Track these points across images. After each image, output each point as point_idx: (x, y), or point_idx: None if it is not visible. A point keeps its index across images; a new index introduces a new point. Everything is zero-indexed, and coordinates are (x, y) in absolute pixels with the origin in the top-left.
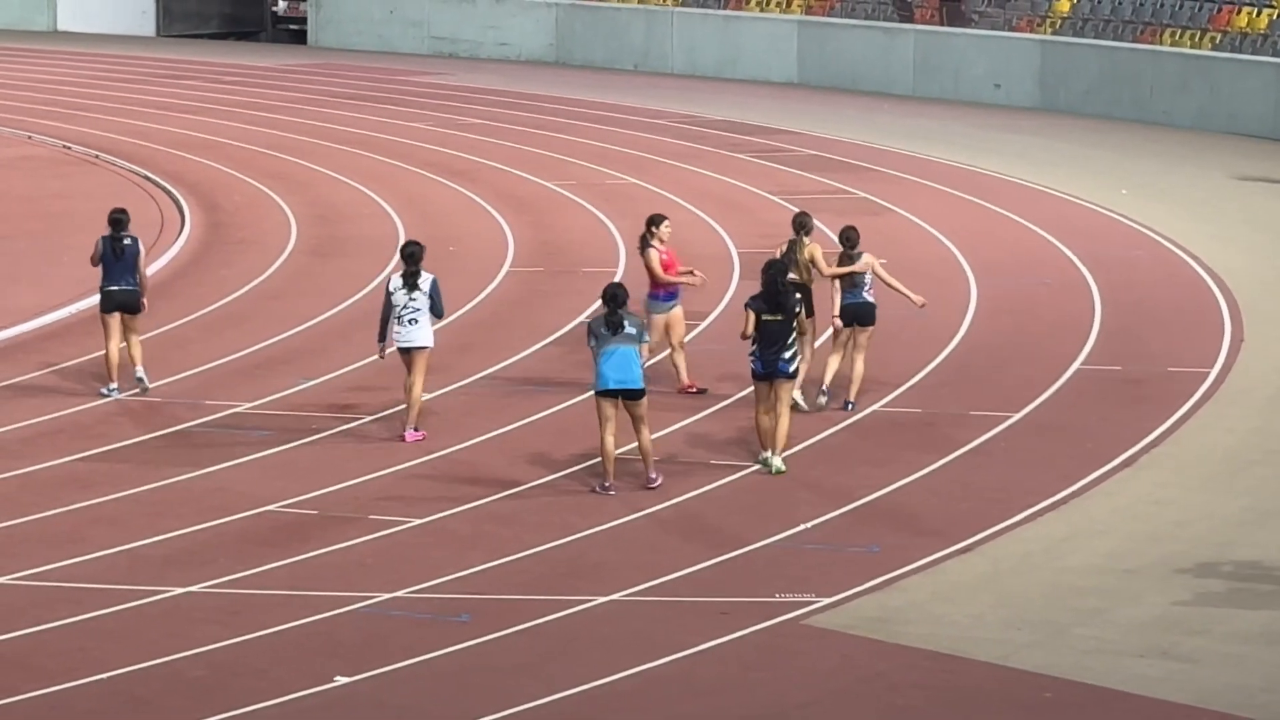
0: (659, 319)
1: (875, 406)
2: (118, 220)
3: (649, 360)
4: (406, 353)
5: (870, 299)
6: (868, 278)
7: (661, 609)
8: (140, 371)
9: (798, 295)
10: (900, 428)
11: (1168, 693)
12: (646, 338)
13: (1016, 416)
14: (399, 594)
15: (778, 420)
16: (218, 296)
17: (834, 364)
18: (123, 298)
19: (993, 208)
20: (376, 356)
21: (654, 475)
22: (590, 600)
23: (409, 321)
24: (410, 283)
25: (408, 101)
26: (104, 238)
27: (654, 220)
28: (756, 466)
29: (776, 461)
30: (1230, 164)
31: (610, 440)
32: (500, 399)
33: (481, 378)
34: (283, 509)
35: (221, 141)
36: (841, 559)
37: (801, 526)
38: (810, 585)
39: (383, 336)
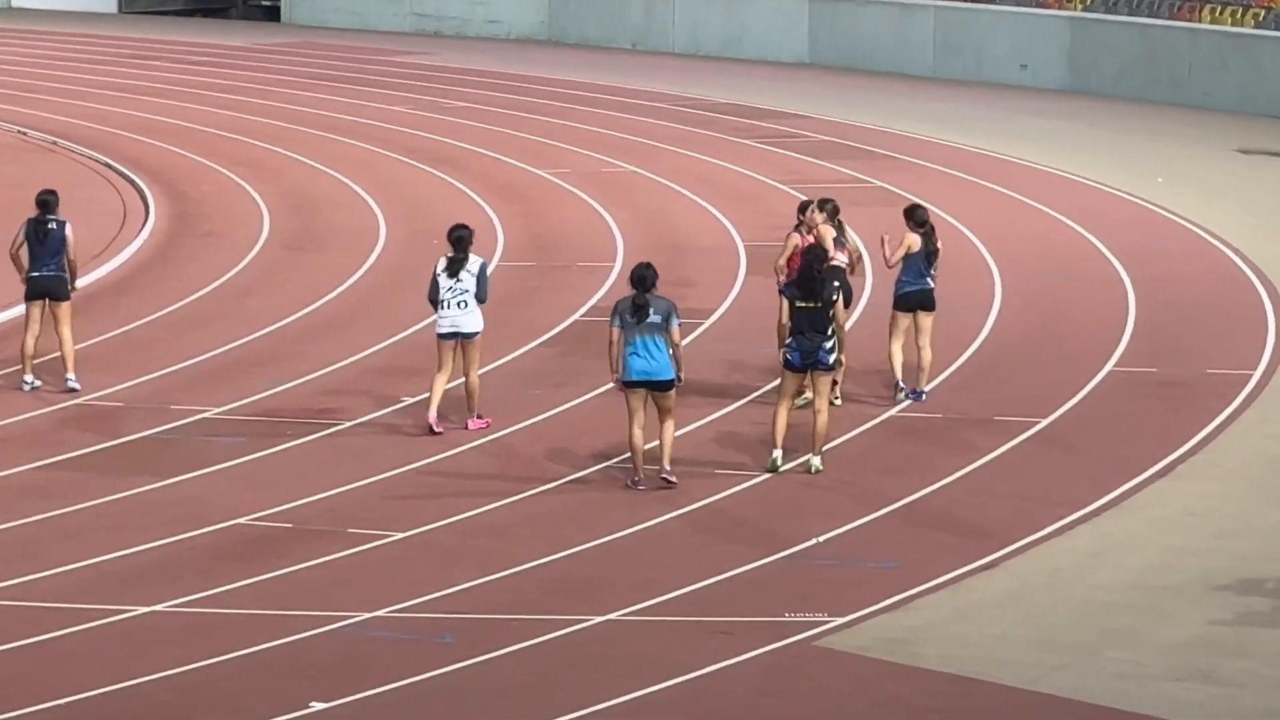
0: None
1: (893, 411)
2: (45, 202)
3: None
4: (451, 338)
5: (932, 284)
6: (935, 262)
7: (662, 629)
8: (71, 377)
9: (836, 284)
10: (919, 433)
11: (1208, 719)
12: (677, 321)
13: (1044, 422)
14: (379, 613)
15: (816, 416)
16: (184, 293)
17: (899, 355)
18: (46, 284)
19: (1018, 197)
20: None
21: (670, 471)
22: (585, 620)
23: (457, 305)
24: (454, 270)
25: (389, 83)
26: (29, 220)
27: (803, 206)
28: (765, 475)
29: (816, 461)
30: (1275, 149)
31: (639, 434)
32: (488, 403)
33: None
34: (254, 522)
35: (188, 126)
36: (855, 575)
37: (812, 540)
38: (822, 603)
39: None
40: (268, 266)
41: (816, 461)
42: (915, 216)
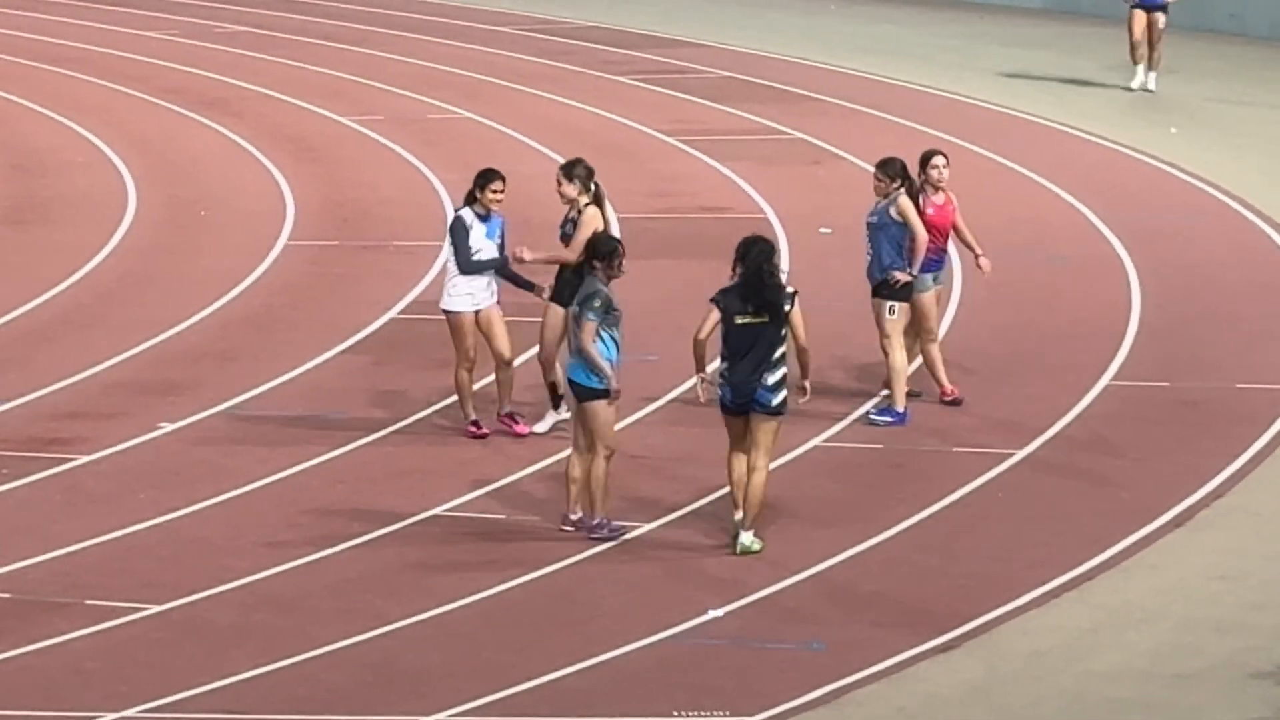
0: (924, 298)
1: (816, 440)
2: None
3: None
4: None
5: None
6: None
7: None
8: None
9: (791, 290)
10: (854, 471)
11: None
12: (591, 316)
13: (1021, 454)
14: (128, 713)
15: (751, 475)
16: None
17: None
18: None
19: (986, 154)
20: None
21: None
22: None
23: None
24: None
25: (141, 1)
26: None
27: (926, 156)
28: (646, 527)
29: (745, 539)
30: None
31: (579, 463)
32: (273, 432)
33: (246, 400)
34: None
35: None
36: (769, 660)
37: (711, 614)
38: (724, 698)
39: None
40: None
41: (747, 539)
42: (893, 169)
